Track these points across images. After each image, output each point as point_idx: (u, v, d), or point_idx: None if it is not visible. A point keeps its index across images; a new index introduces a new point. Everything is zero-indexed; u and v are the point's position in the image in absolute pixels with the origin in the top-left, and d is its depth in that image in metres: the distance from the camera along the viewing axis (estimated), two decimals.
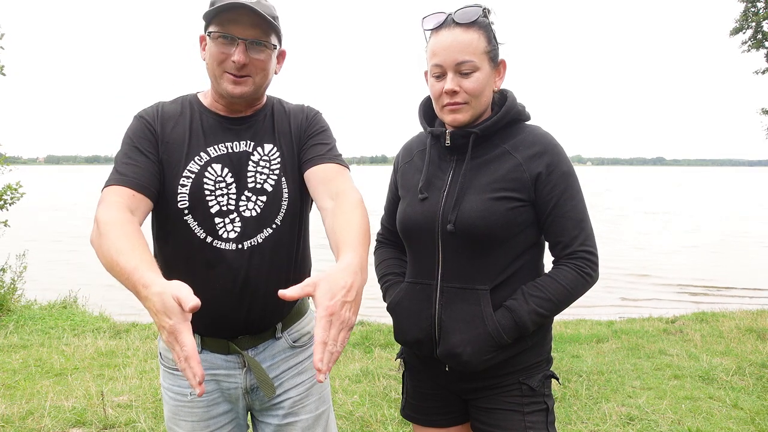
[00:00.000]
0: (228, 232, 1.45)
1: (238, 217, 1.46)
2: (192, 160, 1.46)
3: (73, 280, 8.55)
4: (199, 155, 1.47)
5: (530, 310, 1.43)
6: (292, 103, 1.64)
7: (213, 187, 1.45)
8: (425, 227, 1.51)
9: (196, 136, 1.49)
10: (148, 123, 1.48)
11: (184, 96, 1.59)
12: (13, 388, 3.89)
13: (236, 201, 1.47)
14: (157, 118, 1.49)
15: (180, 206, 1.43)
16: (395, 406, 3.53)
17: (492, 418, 1.51)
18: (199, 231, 1.45)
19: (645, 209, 28.06)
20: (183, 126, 1.50)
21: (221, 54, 1.42)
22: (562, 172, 1.47)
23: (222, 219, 1.45)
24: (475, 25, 1.43)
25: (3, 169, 6.41)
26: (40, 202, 28.23)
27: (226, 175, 1.47)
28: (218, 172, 1.47)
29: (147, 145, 1.45)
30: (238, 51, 1.40)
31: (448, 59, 1.43)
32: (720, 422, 3.31)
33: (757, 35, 9.82)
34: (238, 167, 1.48)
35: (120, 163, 1.43)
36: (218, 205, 1.45)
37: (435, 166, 1.56)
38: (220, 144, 1.49)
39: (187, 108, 1.53)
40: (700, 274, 11.13)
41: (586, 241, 1.47)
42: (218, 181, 1.46)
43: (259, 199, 1.48)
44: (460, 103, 1.45)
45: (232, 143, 1.50)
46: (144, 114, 1.51)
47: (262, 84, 1.48)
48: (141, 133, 1.47)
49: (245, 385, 1.53)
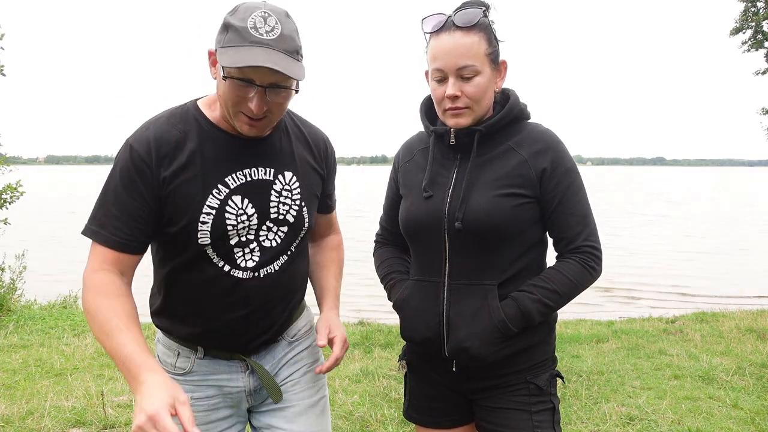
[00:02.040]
0: (246, 261, 1.41)
1: (258, 246, 1.42)
2: (210, 194, 1.35)
3: (73, 280, 8.54)
4: (217, 188, 1.36)
5: (536, 300, 1.43)
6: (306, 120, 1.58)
7: (235, 221, 1.38)
8: (431, 225, 1.50)
9: (210, 164, 1.36)
10: (141, 158, 1.31)
11: (184, 109, 1.41)
12: (13, 388, 3.89)
13: (257, 231, 1.41)
14: (152, 152, 1.32)
15: (200, 242, 1.36)
16: (395, 406, 3.53)
17: (499, 418, 1.51)
18: (216, 260, 1.39)
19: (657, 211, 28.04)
20: (192, 153, 1.35)
21: (237, 96, 1.28)
22: (566, 168, 1.48)
23: (241, 249, 1.40)
24: (475, 27, 1.42)
25: (3, 169, 6.40)
26: (40, 202, 28.22)
27: (247, 207, 1.39)
28: (239, 204, 1.38)
29: (138, 188, 1.31)
30: (256, 98, 1.27)
31: (449, 64, 1.42)
32: (720, 422, 3.31)
33: (757, 35, 9.82)
34: (260, 198, 1.41)
35: (105, 209, 1.32)
36: (238, 237, 1.39)
37: (438, 164, 1.55)
38: (238, 172, 1.38)
39: (193, 128, 1.37)
40: (702, 278, 11.12)
41: (590, 237, 1.49)
42: (240, 214, 1.38)
43: (281, 230, 1.45)
44: (461, 108, 1.45)
45: (250, 170, 1.40)
46: (136, 145, 1.33)
47: (278, 120, 1.38)
48: (131, 171, 1.31)
49: (248, 388, 1.52)
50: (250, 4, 1.29)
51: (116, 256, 1.31)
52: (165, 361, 1.51)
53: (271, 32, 1.26)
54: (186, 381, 1.47)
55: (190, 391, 1.46)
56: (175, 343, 1.48)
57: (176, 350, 1.48)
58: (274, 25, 1.26)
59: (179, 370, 1.48)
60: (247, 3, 1.30)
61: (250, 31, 1.24)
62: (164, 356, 1.52)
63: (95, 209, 1.34)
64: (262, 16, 1.26)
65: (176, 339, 1.48)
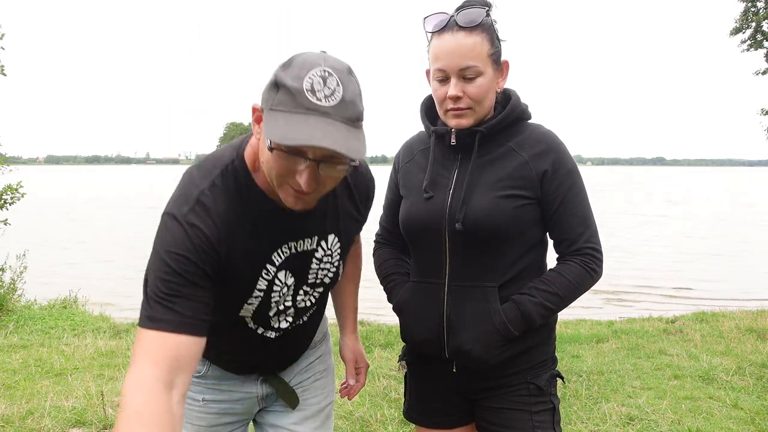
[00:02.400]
0: (280, 323, 1.39)
1: (293, 309, 1.39)
2: (260, 276, 1.26)
3: (73, 280, 8.55)
4: (266, 268, 1.26)
5: (537, 303, 1.43)
6: None
7: (278, 297, 1.33)
8: (431, 226, 1.50)
9: (259, 242, 1.24)
10: (206, 240, 1.13)
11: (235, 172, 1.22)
12: (13, 388, 3.89)
13: (293, 297, 1.37)
14: (215, 232, 1.15)
15: (241, 314, 1.31)
16: (395, 406, 3.53)
17: (499, 418, 1.51)
18: (253, 326, 1.36)
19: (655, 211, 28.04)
20: (246, 231, 1.21)
21: (284, 168, 1.10)
22: (567, 169, 1.48)
23: (278, 316, 1.37)
24: (478, 27, 1.41)
25: (3, 169, 6.40)
26: (40, 202, 28.23)
27: (288, 278, 1.32)
28: (283, 280, 1.31)
29: (203, 275, 1.13)
30: (306, 173, 1.08)
31: (451, 64, 1.41)
32: (720, 422, 3.31)
33: (756, 35, 9.82)
34: (301, 268, 1.34)
35: (161, 295, 1.09)
36: (276, 307, 1.35)
37: (439, 165, 1.55)
38: (284, 246, 1.28)
39: (246, 200, 1.21)
40: (702, 279, 11.12)
41: (591, 238, 1.48)
42: (281, 287, 1.32)
43: (316, 291, 1.41)
44: (463, 109, 1.44)
45: (296, 242, 1.30)
46: (199, 223, 1.14)
47: (328, 191, 1.21)
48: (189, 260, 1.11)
49: (261, 394, 1.50)
50: (307, 58, 1.08)
51: (174, 343, 1.07)
52: None
53: (330, 97, 1.06)
54: (199, 383, 1.46)
55: (201, 392, 1.45)
56: None
57: None
58: (335, 88, 1.06)
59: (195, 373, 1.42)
60: (305, 56, 1.09)
61: (306, 94, 1.04)
62: None
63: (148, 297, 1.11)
64: (322, 76, 1.05)
65: None
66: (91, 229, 18.82)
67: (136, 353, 1.07)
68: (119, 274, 10.97)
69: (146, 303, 1.10)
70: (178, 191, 1.20)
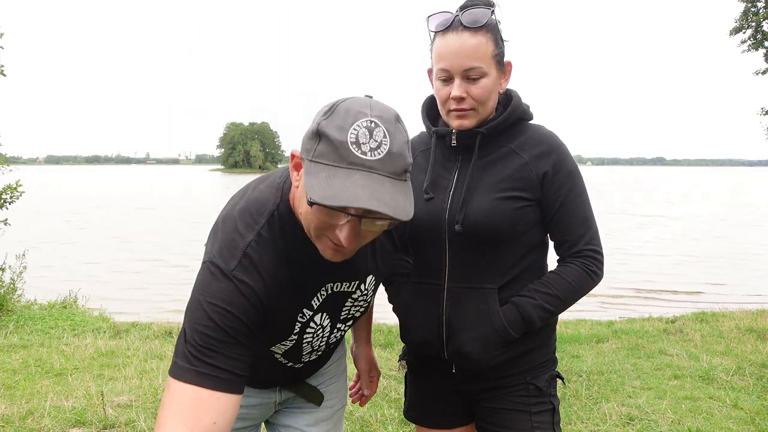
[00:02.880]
0: (311, 357, 1.37)
1: (326, 346, 1.38)
2: (296, 320, 1.23)
3: (73, 280, 8.55)
4: (302, 313, 1.22)
5: (537, 305, 1.43)
6: None
7: (311, 338, 1.29)
8: (431, 227, 1.49)
9: (299, 288, 1.20)
10: (254, 296, 1.09)
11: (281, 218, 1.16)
12: (13, 388, 3.89)
13: (328, 338, 1.35)
14: (263, 290, 1.11)
15: (272, 351, 1.29)
16: (395, 406, 3.53)
17: (499, 418, 1.51)
18: (284, 361, 1.34)
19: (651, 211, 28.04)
20: (291, 277, 1.17)
21: (323, 223, 1.04)
22: (568, 171, 1.47)
23: (309, 354, 1.35)
24: (483, 28, 1.39)
25: (3, 169, 6.41)
26: (40, 202, 28.22)
27: (324, 320, 1.29)
28: (319, 322, 1.28)
29: (247, 332, 1.08)
30: (347, 229, 1.03)
31: (455, 64, 1.39)
32: (720, 422, 3.31)
33: (756, 35, 9.82)
34: (335, 308, 1.30)
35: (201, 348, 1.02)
36: (310, 347, 1.33)
37: (440, 166, 1.54)
38: (321, 290, 1.24)
39: (291, 248, 1.16)
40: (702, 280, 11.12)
41: (592, 240, 1.48)
42: (317, 330, 1.29)
43: (346, 326, 1.39)
44: (466, 109, 1.43)
45: (333, 285, 1.26)
46: (248, 279, 1.09)
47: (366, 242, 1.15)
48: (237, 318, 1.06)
49: (279, 400, 1.49)
50: (352, 105, 1.01)
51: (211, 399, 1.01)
52: None
53: (377, 150, 0.98)
54: None
55: None
56: None
57: None
58: (381, 140, 0.99)
59: None
60: (349, 102, 1.02)
61: (351, 148, 0.97)
62: None
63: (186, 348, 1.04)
64: (367, 128, 0.98)
65: None
66: (92, 229, 18.83)
67: (168, 410, 0.99)
68: (120, 274, 10.97)
69: (183, 354, 1.04)
70: (222, 240, 1.13)
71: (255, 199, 1.19)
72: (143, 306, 8.01)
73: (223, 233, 1.15)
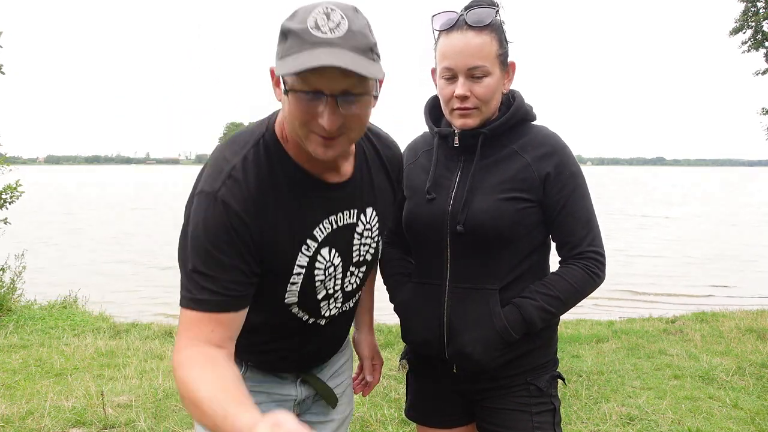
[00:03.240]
0: (330, 310, 1.35)
1: (341, 294, 1.35)
2: (300, 252, 1.22)
3: (74, 280, 8.55)
4: (306, 244, 1.23)
5: (538, 307, 1.42)
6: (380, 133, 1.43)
7: (323, 276, 1.28)
8: (433, 227, 1.49)
9: (298, 216, 1.21)
10: (238, 215, 1.12)
11: (266, 146, 1.20)
12: (13, 388, 3.89)
13: (342, 280, 1.33)
14: (251, 206, 1.14)
15: (287, 302, 1.26)
16: (395, 406, 3.53)
17: (500, 419, 1.51)
18: (301, 315, 1.31)
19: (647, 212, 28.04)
20: (281, 205, 1.19)
21: (305, 114, 1.09)
22: (570, 172, 1.47)
23: (327, 301, 1.33)
24: (488, 27, 1.40)
25: (3, 169, 6.41)
26: (40, 202, 28.22)
27: (334, 257, 1.28)
28: (327, 257, 1.27)
29: (238, 251, 1.13)
30: (327, 112, 1.07)
31: (459, 63, 1.40)
32: (720, 422, 3.31)
33: (756, 35, 9.82)
34: (344, 244, 1.30)
35: (201, 273, 1.10)
36: (325, 290, 1.30)
37: (442, 167, 1.54)
38: (325, 221, 1.25)
39: (279, 173, 1.19)
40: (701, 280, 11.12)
41: (594, 242, 1.47)
42: (327, 267, 1.28)
43: (360, 271, 1.38)
44: (470, 108, 1.43)
45: (336, 216, 1.27)
46: (231, 201, 1.12)
47: (358, 137, 1.19)
48: (229, 235, 1.11)
49: (299, 398, 1.45)
50: (308, 4, 1.08)
51: (216, 320, 1.10)
52: None
53: (336, 29, 1.04)
54: None
55: None
56: None
57: None
58: (340, 21, 1.05)
59: None
60: (306, 5, 1.09)
61: (311, 31, 1.03)
62: None
63: (187, 277, 1.13)
64: (325, 12, 1.05)
65: None
66: (92, 229, 18.82)
67: (183, 336, 1.10)
68: (120, 274, 10.97)
69: (187, 284, 1.12)
70: (210, 169, 1.18)
71: (242, 132, 1.25)
72: (143, 306, 8.02)
73: (211, 164, 1.19)
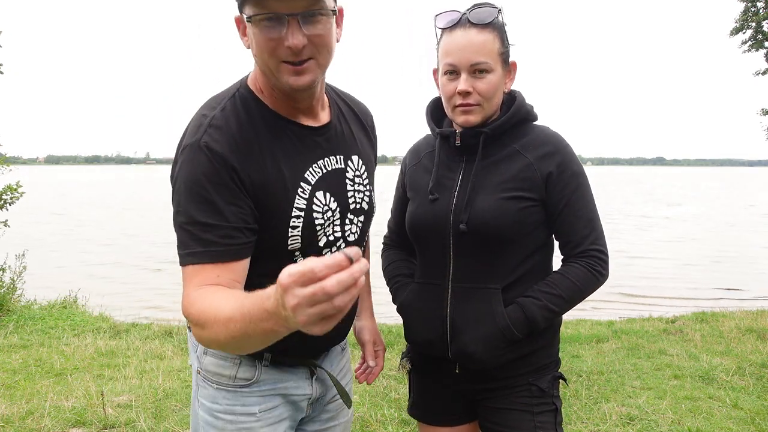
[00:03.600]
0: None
1: (344, 242, 1.34)
2: (296, 195, 1.24)
3: (73, 281, 8.55)
4: (301, 187, 1.25)
5: (541, 306, 1.43)
6: (348, 93, 1.48)
7: (322, 220, 1.28)
8: (436, 228, 1.50)
9: (287, 161, 1.23)
10: (223, 157, 1.14)
11: (243, 98, 1.24)
12: (13, 388, 3.89)
13: (342, 227, 1.34)
14: (235, 148, 1.16)
15: (290, 248, 1.25)
16: (395, 406, 3.53)
17: (501, 418, 1.52)
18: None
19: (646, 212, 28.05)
20: (268, 150, 1.21)
21: (270, 41, 1.12)
22: (572, 171, 1.47)
23: (329, 249, 1.32)
24: (490, 26, 1.42)
25: (3, 169, 6.41)
26: (41, 202, 28.22)
27: (331, 201, 1.30)
28: (323, 201, 1.29)
29: (231, 194, 1.14)
30: (290, 32, 1.10)
31: (462, 59, 1.42)
32: (720, 422, 3.31)
33: (757, 35, 9.81)
34: (338, 189, 1.32)
35: (198, 224, 1.11)
36: (326, 237, 1.30)
37: (444, 167, 1.55)
38: (314, 165, 1.28)
39: (258, 121, 1.22)
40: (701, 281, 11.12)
41: (597, 240, 1.48)
42: (325, 211, 1.29)
43: (359, 220, 1.38)
44: (472, 105, 1.44)
45: (324, 161, 1.30)
46: (214, 145, 1.14)
47: (327, 64, 1.20)
48: (219, 177, 1.13)
49: (313, 395, 1.42)
50: None
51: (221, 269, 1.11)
52: (219, 374, 1.32)
53: None
54: (251, 393, 1.32)
55: (255, 403, 1.32)
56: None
57: (236, 359, 1.32)
58: None
59: (242, 381, 1.32)
60: None
61: None
62: (218, 369, 1.32)
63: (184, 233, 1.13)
64: None
65: None
66: (92, 228, 18.82)
67: (189, 287, 1.09)
68: (120, 274, 10.97)
69: (185, 239, 1.12)
70: (190, 127, 1.21)
71: (217, 93, 1.28)
72: (143, 306, 8.01)
73: (191, 123, 1.22)
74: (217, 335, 0.99)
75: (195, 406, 1.38)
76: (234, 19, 1.19)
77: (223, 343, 0.99)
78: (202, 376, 1.35)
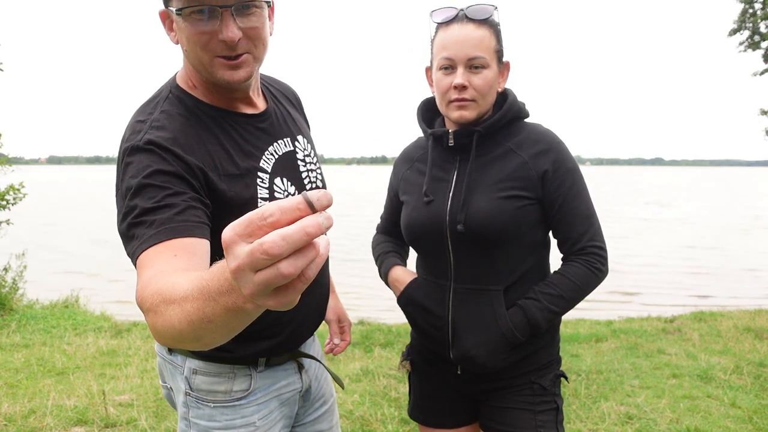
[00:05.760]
0: None
1: None
2: (257, 185, 1.22)
3: (75, 280, 8.56)
4: (259, 177, 1.23)
5: (543, 308, 1.43)
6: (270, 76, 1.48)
7: None
8: (433, 230, 1.50)
9: (239, 153, 1.20)
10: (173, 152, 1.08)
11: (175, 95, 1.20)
12: (15, 387, 3.91)
13: None
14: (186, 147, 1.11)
15: None
16: (395, 406, 3.55)
17: (503, 417, 1.52)
18: None
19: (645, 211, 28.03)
20: (218, 145, 1.17)
21: (202, 35, 1.07)
22: (567, 168, 1.47)
23: None
24: (486, 22, 1.44)
25: (5, 169, 6.43)
26: (42, 202, 28.23)
27: (289, 186, 1.29)
28: (282, 186, 1.28)
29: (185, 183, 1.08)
30: (224, 25, 1.06)
31: (459, 53, 1.42)
32: (718, 421, 3.32)
33: (754, 36, 9.83)
34: (293, 172, 1.31)
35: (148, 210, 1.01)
36: None
37: (438, 168, 1.55)
38: (265, 152, 1.26)
39: (200, 116, 1.18)
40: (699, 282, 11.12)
41: (594, 237, 1.48)
42: (286, 196, 1.25)
43: None
44: (467, 100, 1.44)
45: (273, 146, 1.28)
46: (162, 142, 1.08)
47: (263, 57, 1.18)
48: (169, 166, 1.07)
49: (303, 387, 1.44)
50: None
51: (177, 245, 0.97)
52: (214, 391, 1.28)
53: None
54: (249, 403, 1.31)
55: (254, 413, 1.31)
56: (228, 366, 1.29)
57: (230, 373, 1.29)
58: None
59: (239, 394, 1.30)
60: None
61: None
62: (212, 386, 1.28)
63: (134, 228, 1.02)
64: None
65: (231, 361, 1.29)
66: (92, 228, 18.83)
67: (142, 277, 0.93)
68: (121, 273, 10.98)
69: (136, 232, 1.00)
70: (127, 134, 1.14)
71: (144, 101, 1.23)
72: None
73: (127, 131, 1.16)
74: (170, 320, 0.76)
75: (184, 427, 1.31)
76: (159, 14, 1.14)
77: (179, 330, 0.75)
78: (193, 398, 1.29)
